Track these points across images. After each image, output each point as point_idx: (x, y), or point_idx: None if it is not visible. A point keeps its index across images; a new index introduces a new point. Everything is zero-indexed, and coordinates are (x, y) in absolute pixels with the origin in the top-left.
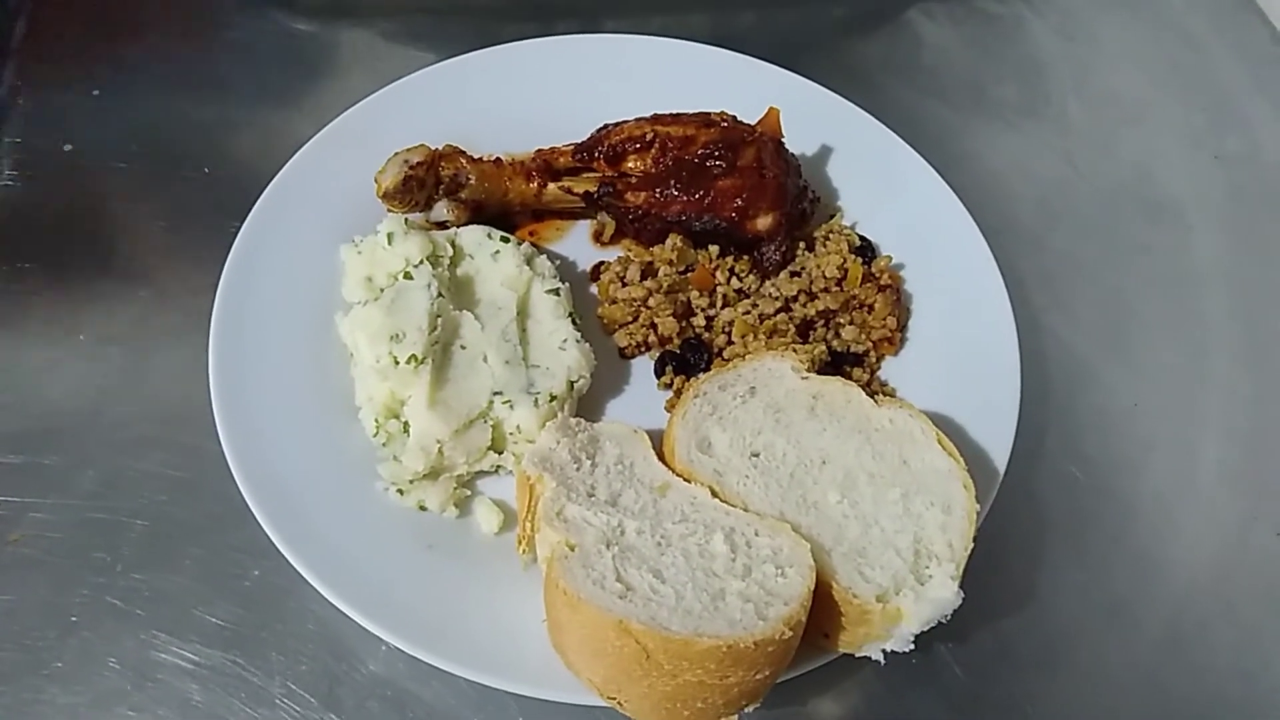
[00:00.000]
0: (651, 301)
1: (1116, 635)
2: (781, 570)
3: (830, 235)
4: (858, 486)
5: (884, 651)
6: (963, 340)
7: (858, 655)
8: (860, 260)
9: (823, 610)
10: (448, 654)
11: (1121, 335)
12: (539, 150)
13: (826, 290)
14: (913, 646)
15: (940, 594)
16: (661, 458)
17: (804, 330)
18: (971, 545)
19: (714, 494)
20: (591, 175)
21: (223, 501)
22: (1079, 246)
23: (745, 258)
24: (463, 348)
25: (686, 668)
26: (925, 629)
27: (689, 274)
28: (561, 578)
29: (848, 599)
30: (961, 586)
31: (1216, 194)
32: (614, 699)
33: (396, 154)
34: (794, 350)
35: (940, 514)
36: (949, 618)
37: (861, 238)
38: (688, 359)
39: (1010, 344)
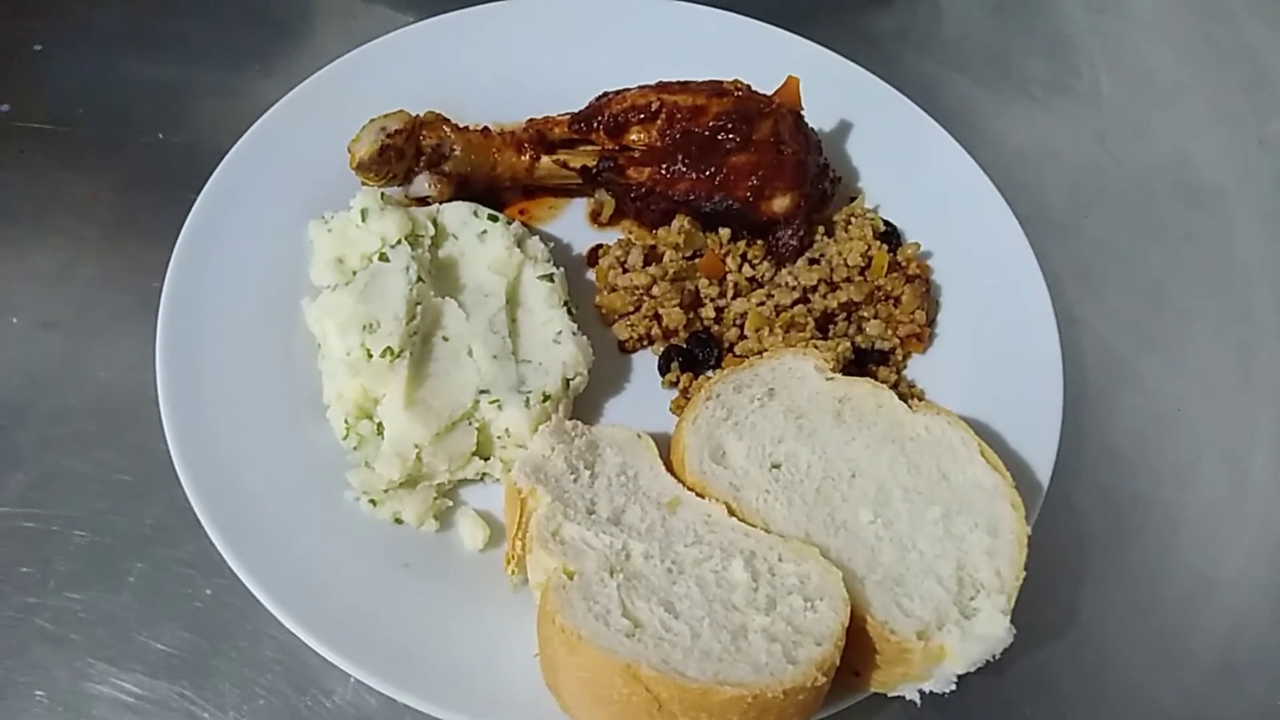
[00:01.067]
0: (655, 290)
1: (1165, 664)
2: (810, 603)
3: (852, 219)
4: (892, 504)
5: (921, 692)
6: (997, 337)
7: (890, 695)
8: (885, 247)
9: (854, 646)
10: (424, 691)
11: (1163, 331)
12: (531, 120)
13: (849, 280)
14: (954, 687)
15: (990, 630)
16: (669, 468)
17: (824, 324)
18: (1024, 574)
19: (730, 511)
20: (590, 148)
21: (172, 510)
22: (1115, 235)
23: (759, 243)
24: (445, 340)
25: (704, 719)
26: (972, 670)
27: (697, 260)
28: (559, 612)
29: (884, 635)
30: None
31: (1261, 180)
32: None
33: (373, 121)
34: (815, 347)
35: (985, 536)
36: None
37: (886, 223)
38: (695, 354)
39: (1050, 342)
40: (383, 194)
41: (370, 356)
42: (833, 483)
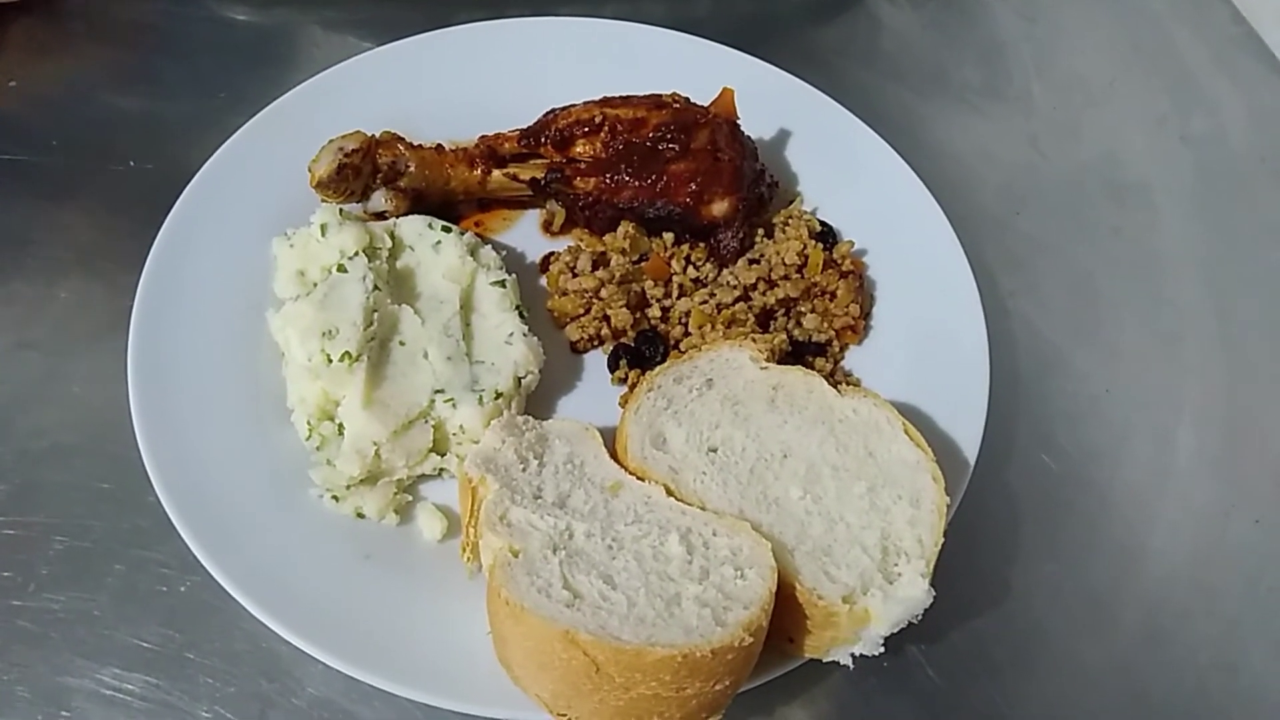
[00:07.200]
0: (604, 292)
1: (1094, 631)
2: (741, 572)
3: (790, 221)
4: (821, 481)
5: (853, 655)
6: (929, 327)
7: (825, 660)
8: (821, 246)
9: (786, 613)
10: (388, 673)
11: (1091, 319)
12: (483, 136)
13: (786, 278)
14: (883, 649)
15: (910, 593)
16: (614, 456)
17: (764, 319)
18: (942, 541)
19: (669, 493)
20: (539, 161)
21: (147, 513)
22: (1046, 230)
23: (701, 245)
24: (401, 344)
25: (639, 680)
26: (895, 630)
27: (643, 263)
28: (504, 586)
29: (812, 601)
30: (932, 584)
31: (1184, 175)
32: (564, 715)
33: (331, 141)
34: (753, 340)
35: (909, 508)
36: (920, 617)
37: (822, 223)
38: (643, 352)
39: (978, 330)
40: (341, 210)
41: (330, 361)
42: (765, 463)
